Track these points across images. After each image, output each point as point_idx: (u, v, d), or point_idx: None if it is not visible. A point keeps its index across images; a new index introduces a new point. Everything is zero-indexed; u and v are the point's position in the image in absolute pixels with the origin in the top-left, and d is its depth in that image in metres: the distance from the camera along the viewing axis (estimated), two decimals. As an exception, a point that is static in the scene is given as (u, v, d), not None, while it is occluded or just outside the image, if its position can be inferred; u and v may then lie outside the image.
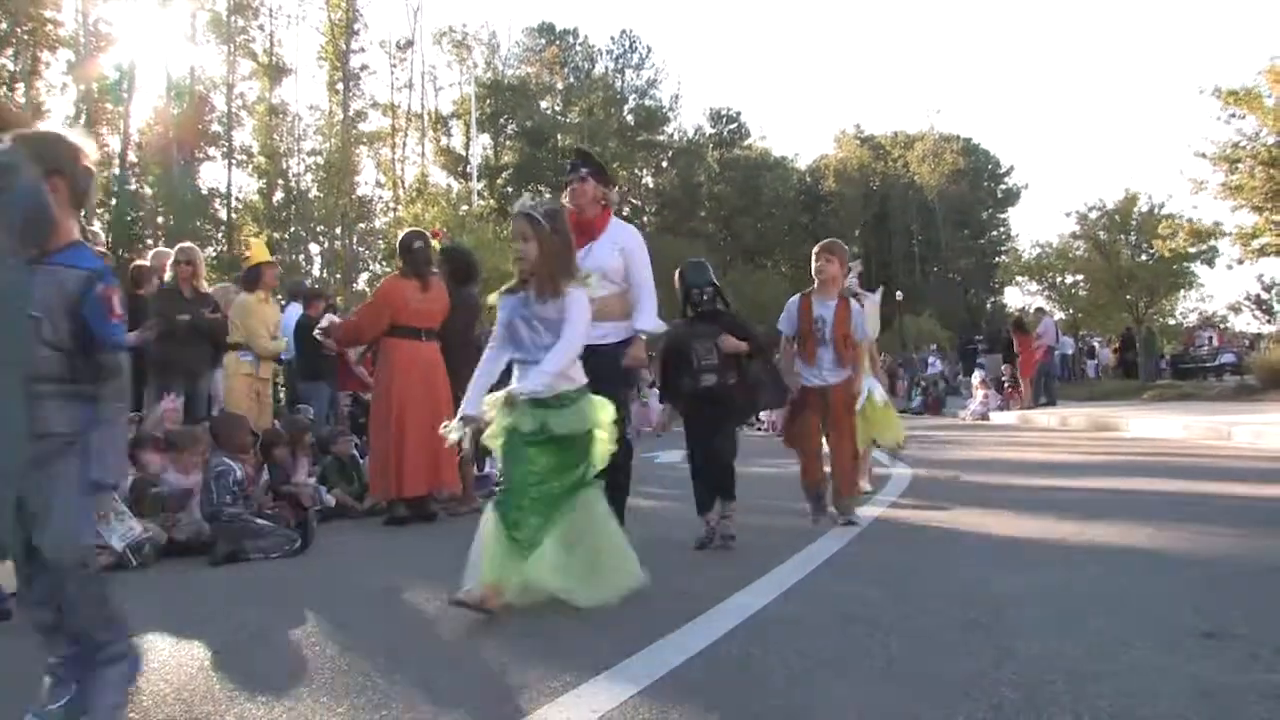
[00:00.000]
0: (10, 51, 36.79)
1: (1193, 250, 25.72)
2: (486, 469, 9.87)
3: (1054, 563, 4.70)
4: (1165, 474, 8.33)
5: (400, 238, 8.38)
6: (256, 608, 4.55)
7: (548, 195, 56.88)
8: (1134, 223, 28.97)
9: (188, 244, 9.51)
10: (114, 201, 40.49)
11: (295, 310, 10.71)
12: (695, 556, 5.37)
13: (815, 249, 6.72)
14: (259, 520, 6.29)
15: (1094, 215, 29.58)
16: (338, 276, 42.29)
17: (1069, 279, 33.56)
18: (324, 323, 9.07)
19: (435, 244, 8.73)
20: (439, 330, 7.94)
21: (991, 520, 6.16)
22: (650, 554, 4.37)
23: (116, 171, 40.85)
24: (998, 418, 20.05)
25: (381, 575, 5.34)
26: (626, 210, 63.30)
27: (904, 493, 7.95)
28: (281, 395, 11.78)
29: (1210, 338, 31.27)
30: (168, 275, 8.94)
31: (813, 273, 6.57)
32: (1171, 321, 40.19)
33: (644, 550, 4.43)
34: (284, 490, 7.56)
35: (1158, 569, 4.44)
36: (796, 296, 6.67)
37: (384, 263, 39.42)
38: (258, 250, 9.38)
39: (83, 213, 2.91)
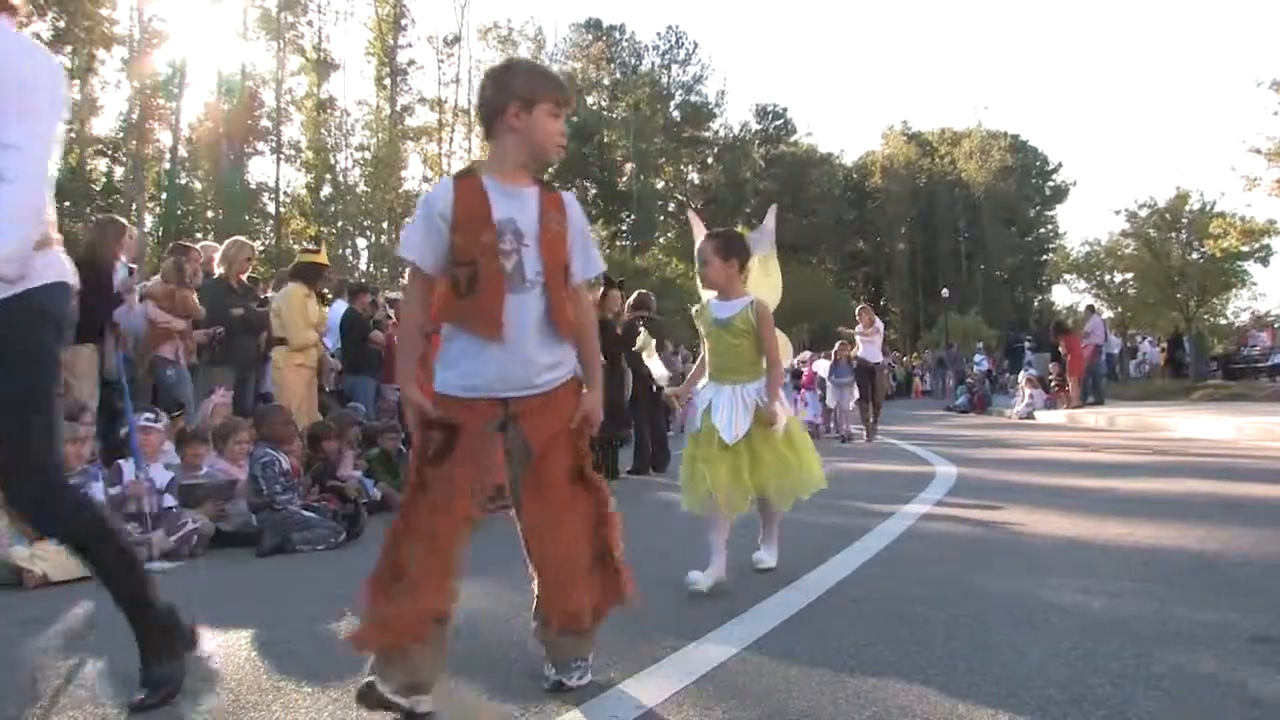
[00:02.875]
0: (69, 49, 37.45)
1: (1245, 249, 25.40)
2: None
3: (1101, 564, 4.65)
4: (1216, 475, 8.22)
5: None
6: (302, 599, 4.60)
7: (593, 191, 57.03)
8: (1185, 221, 28.64)
9: (239, 238, 9.66)
10: (164, 196, 41.09)
11: (340, 305, 10.80)
12: (741, 553, 5.36)
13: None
14: (306, 512, 6.37)
15: (1144, 213, 29.27)
16: (384, 270, 42.58)
17: (1118, 277, 33.25)
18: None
19: None
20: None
21: (1037, 520, 6.10)
22: (697, 551, 4.37)
23: (167, 166, 41.44)
24: (1044, 416, 19.85)
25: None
26: (672, 206, 63.37)
27: (950, 491, 7.90)
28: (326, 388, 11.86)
29: (1262, 337, 30.68)
30: (218, 269, 9.06)
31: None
32: (1222, 321, 39.61)
33: (688, 547, 4.44)
34: (330, 484, 7.68)
35: (1207, 572, 4.38)
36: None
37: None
38: (322, 254, 9.48)
39: (134, 206, 2.88)
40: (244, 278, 9.12)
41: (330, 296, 10.97)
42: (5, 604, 4.62)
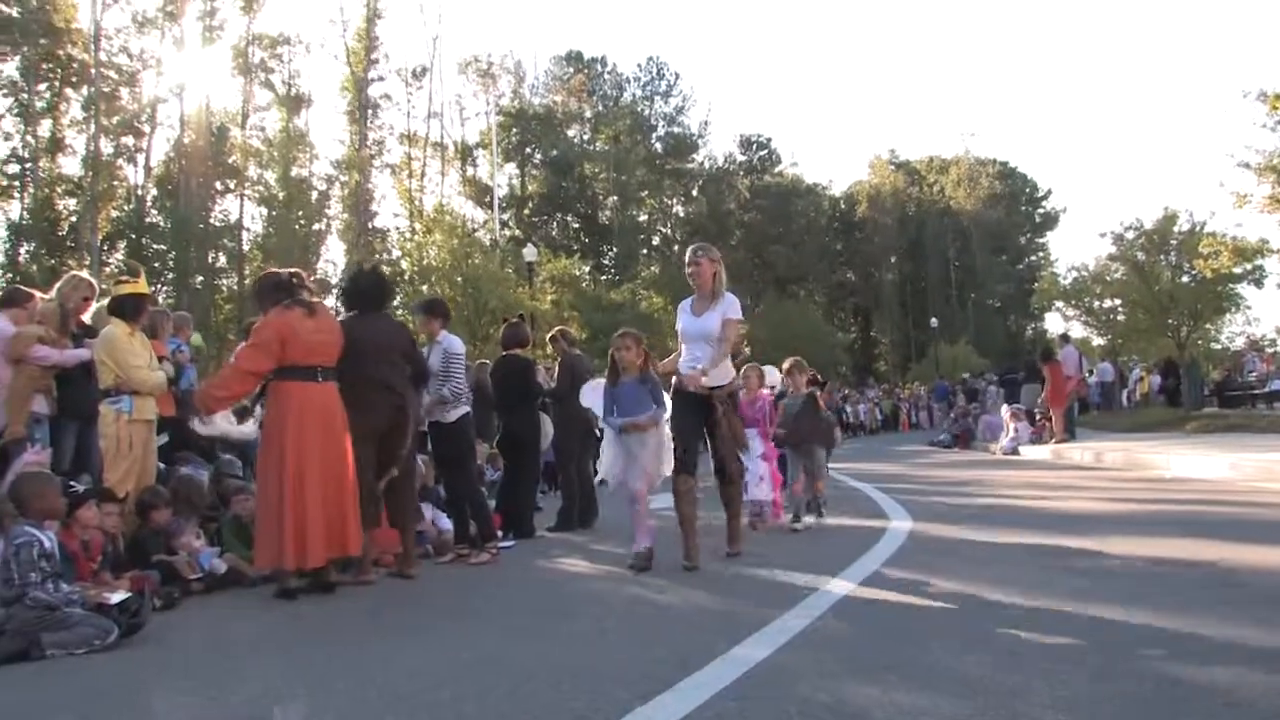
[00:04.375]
0: (43, 86, 37.06)
1: (1238, 270, 24.52)
2: (431, 519, 8.83)
3: (1034, 688, 3.35)
4: (1207, 532, 6.78)
5: (260, 276, 7.36)
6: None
7: (574, 225, 56.07)
8: (1173, 242, 27.75)
9: (76, 273, 8.68)
10: (132, 235, 40.24)
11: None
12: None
13: None
14: (72, 607, 5.08)
15: (1131, 235, 28.35)
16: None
17: (1107, 303, 32.26)
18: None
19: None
20: (336, 368, 6.79)
21: (965, 609, 4.84)
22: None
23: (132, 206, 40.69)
24: (1029, 452, 18.69)
25: (212, 682, 4.19)
26: (656, 239, 62.27)
27: (888, 560, 6.60)
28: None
29: (1253, 359, 29.32)
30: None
31: None
32: (1216, 346, 38.60)
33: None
34: (157, 558, 6.57)
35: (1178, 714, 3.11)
36: None
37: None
38: (142, 283, 8.00)
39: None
40: (84, 319, 7.94)
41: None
42: None
